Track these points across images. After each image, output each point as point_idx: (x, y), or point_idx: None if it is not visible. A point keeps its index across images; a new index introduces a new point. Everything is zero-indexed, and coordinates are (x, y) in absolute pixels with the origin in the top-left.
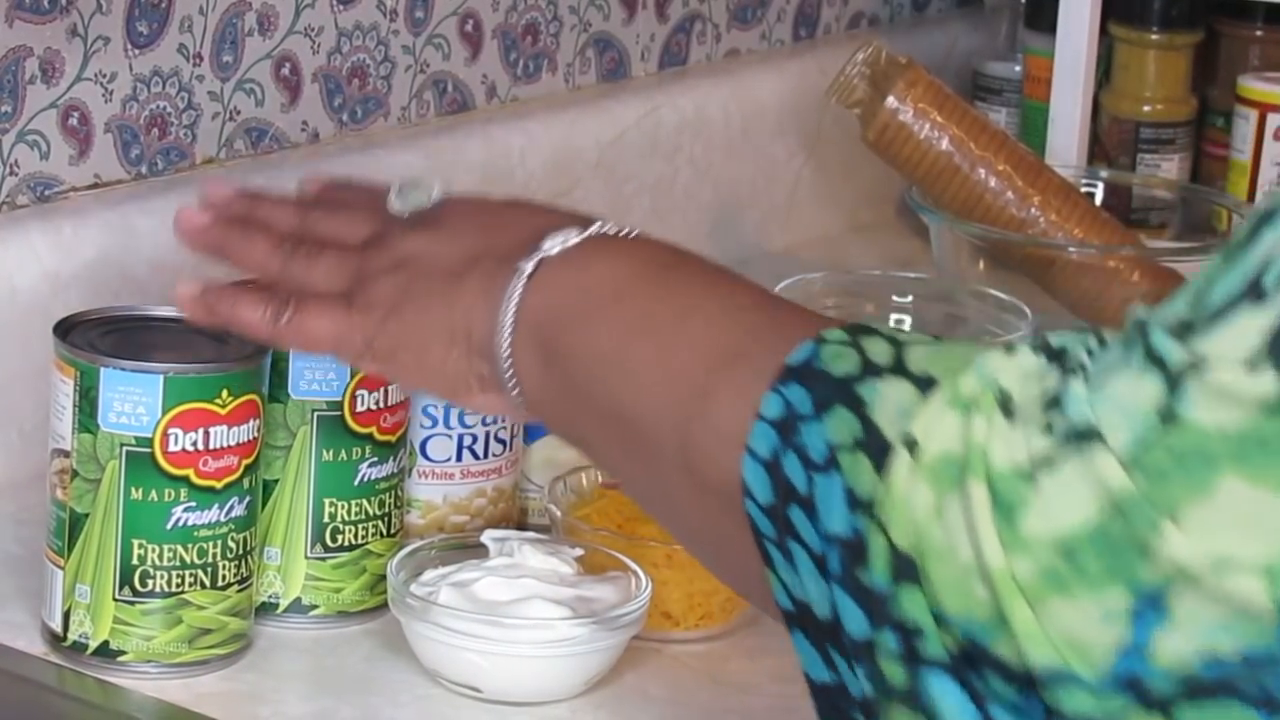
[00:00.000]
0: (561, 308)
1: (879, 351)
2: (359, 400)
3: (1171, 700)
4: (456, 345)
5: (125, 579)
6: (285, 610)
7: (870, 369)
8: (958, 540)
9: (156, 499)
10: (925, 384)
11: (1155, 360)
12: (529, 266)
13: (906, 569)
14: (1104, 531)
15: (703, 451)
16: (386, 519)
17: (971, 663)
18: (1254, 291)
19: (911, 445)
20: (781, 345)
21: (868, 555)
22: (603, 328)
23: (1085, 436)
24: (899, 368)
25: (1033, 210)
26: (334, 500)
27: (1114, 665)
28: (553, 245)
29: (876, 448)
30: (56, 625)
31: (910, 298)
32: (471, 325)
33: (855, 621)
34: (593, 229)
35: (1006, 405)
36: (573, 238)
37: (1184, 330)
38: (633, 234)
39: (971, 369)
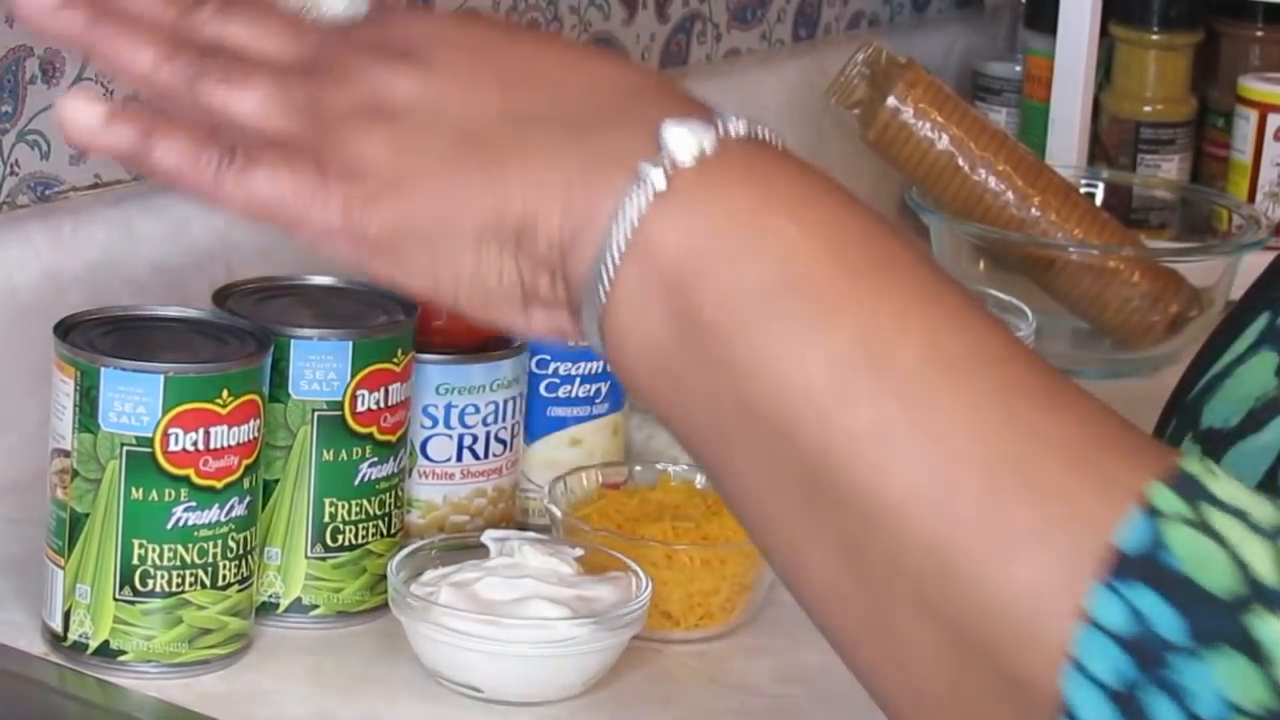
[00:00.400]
0: (722, 275)
1: (1258, 558)
2: (359, 400)
3: None
4: (502, 244)
5: (126, 579)
6: (286, 610)
7: (1260, 591)
8: None
9: (157, 499)
10: None
11: None
12: (658, 177)
13: None
14: None
15: (974, 605)
16: (387, 519)
17: None
18: None
19: None
20: (1105, 490)
21: None
22: (807, 345)
23: None
24: None
25: (1033, 210)
26: (334, 500)
27: None
28: (684, 148)
29: None
30: (57, 625)
31: None
32: (537, 222)
33: None
34: (731, 130)
35: None
36: (706, 142)
37: None
38: (777, 141)
39: None
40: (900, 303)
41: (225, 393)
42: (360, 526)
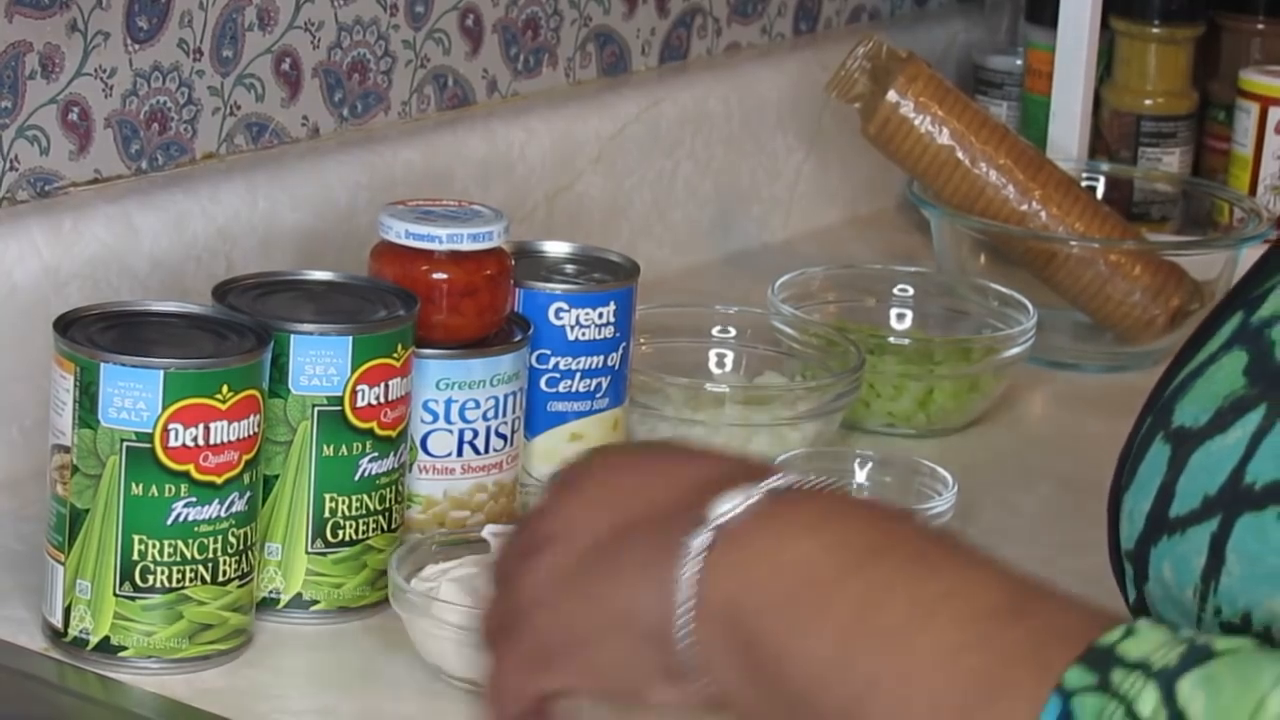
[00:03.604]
0: (754, 594)
1: (1148, 704)
2: (359, 395)
3: None
4: (626, 633)
5: (126, 574)
6: (286, 606)
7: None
8: None
9: (157, 494)
10: None
11: None
12: (700, 542)
13: None
14: None
15: None
16: (387, 514)
17: None
18: None
19: None
20: (1040, 679)
21: None
22: (814, 622)
23: None
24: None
25: (1034, 204)
26: (334, 495)
27: None
28: (723, 512)
29: None
30: (57, 621)
31: (911, 292)
32: (636, 610)
33: None
34: (765, 486)
35: None
36: (742, 502)
37: None
38: (812, 487)
39: None
40: (889, 573)
41: (225, 388)
42: (361, 522)
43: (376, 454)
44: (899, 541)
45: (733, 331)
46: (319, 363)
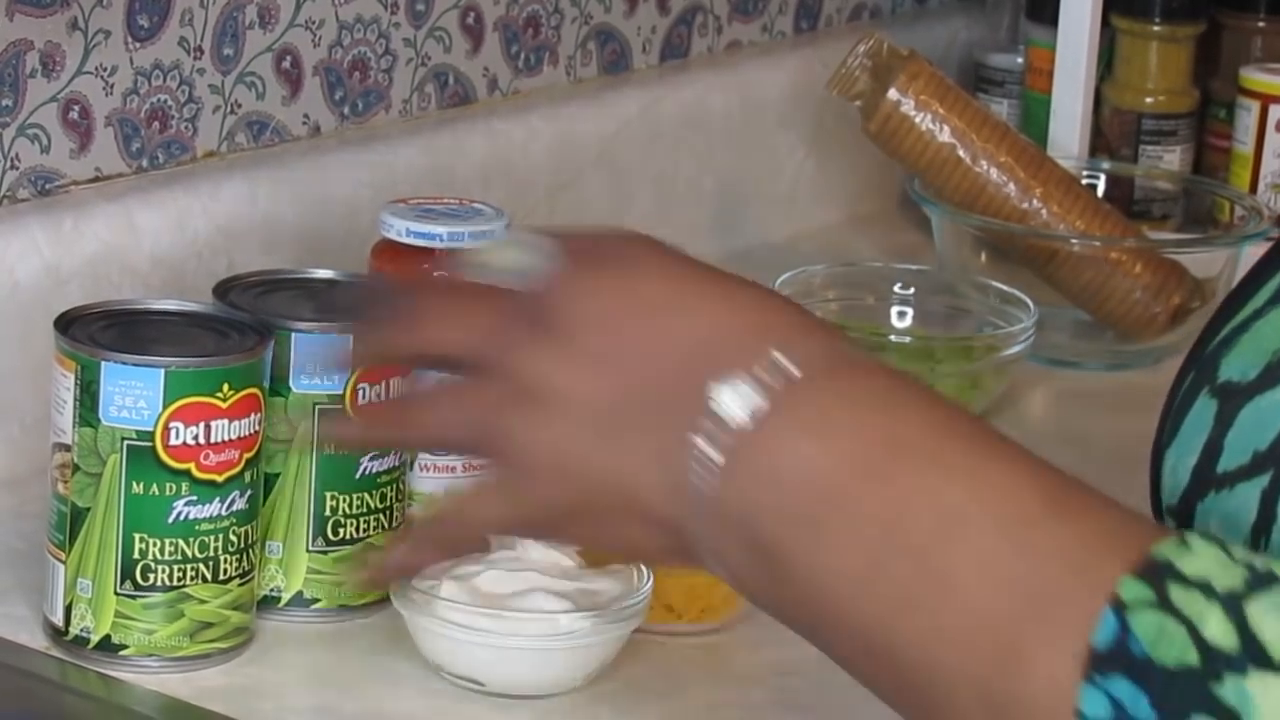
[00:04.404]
0: (773, 503)
1: (1216, 627)
2: (360, 394)
3: None
4: (634, 516)
5: (127, 573)
6: (287, 604)
7: (1219, 659)
8: None
9: (158, 493)
10: None
11: None
12: (713, 452)
13: None
14: None
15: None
16: (388, 512)
17: None
18: None
19: None
20: (1090, 589)
21: None
22: (838, 538)
23: None
24: (1258, 654)
25: (1034, 202)
26: (336, 494)
27: None
28: (730, 411)
29: None
30: (58, 619)
31: (912, 290)
32: (645, 498)
33: None
34: (766, 370)
35: None
36: (751, 397)
37: None
38: (818, 362)
39: None
40: (910, 481)
41: (226, 386)
42: (362, 520)
43: (378, 452)
44: (911, 436)
45: None
46: (320, 361)
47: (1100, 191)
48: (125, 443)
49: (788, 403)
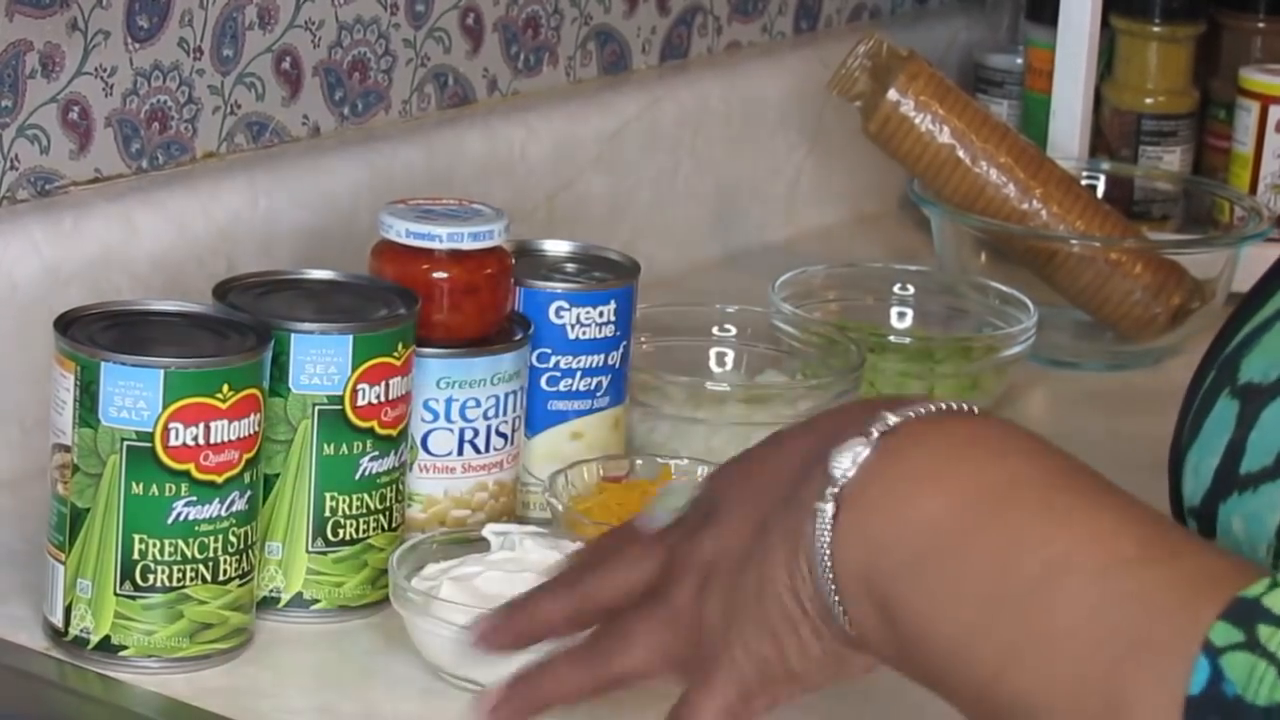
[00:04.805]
0: (886, 552)
1: None
2: (360, 394)
3: None
4: (801, 622)
5: (126, 574)
6: (287, 605)
7: None
8: None
9: (157, 493)
10: None
11: None
12: (829, 506)
13: None
14: None
15: None
16: (388, 513)
17: None
18: None
19: None
20: (1186, 635)
21: None
22: (949, 584)
23: None
24: None
25: (1034, 203)
26: (335, 494)
27: None
28: (843, 467)
29: None
30: (58, 620)
31: (912, 290)
32: (798, 590)
33: None
34: (877, 429)
35: None
36: (863, 451)
37: None
38: (924, 417)
39: None
40: (1017, 527)
41: (225, 387)
42: (361, 521)
43: (377, 453)
44: (1021, 484)
45: (733, 330)
46: (319, 362)
47: (1100, 192)
48: (125, 443)
49: (894, 451)
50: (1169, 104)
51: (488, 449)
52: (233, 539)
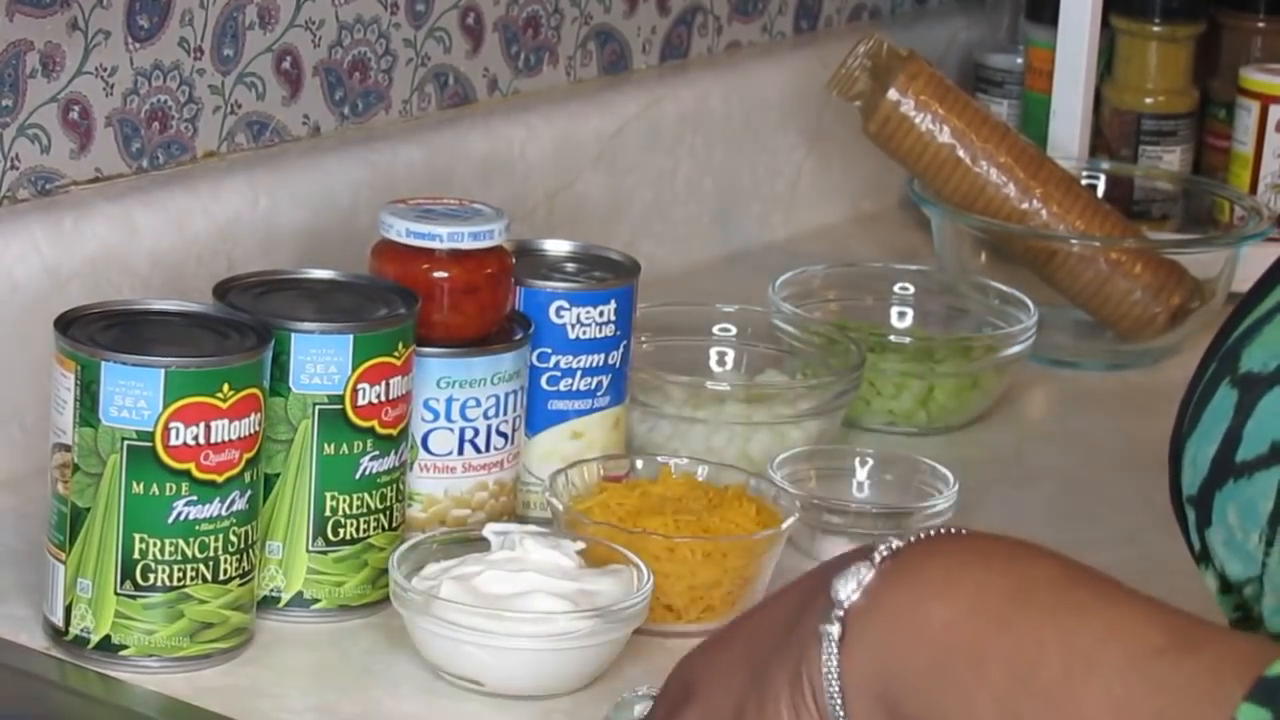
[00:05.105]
0: (898, 666)
1: None
2: (360, 394)
3: None
4: None
5: (127, 573)
6: (287, 604)
7: None
8: None
9: (158, 493)
10: None
11: None
12: (835, 628)
13: None
14: None
15: None
16: (388, 513)
17: None
18: None
19: None
20: (1207, 707)
21: None
22: (968, 695)
23: None
24: None
25: (1034, 202)
26: (335, 494)
27: None
28: (847, 590)
29: None
30: (58, 619)
31: (912, 290)
32: (790, 704)
33: None
34: (882, 552)
35: None
36: (867, 574)
37: None
38: (927, 537)
39: None
40: (1037, 626)
41: (226, 387)
42: (361, 520)
43: (377, 452)
44: (1034, 586)
45: (733, 330)
46: (320, 361)
47: (1100, 192)
48: (125, 443)
49: (900, 569)
50: (1169, 104)
51: (488, 448)
52: (233, 538)
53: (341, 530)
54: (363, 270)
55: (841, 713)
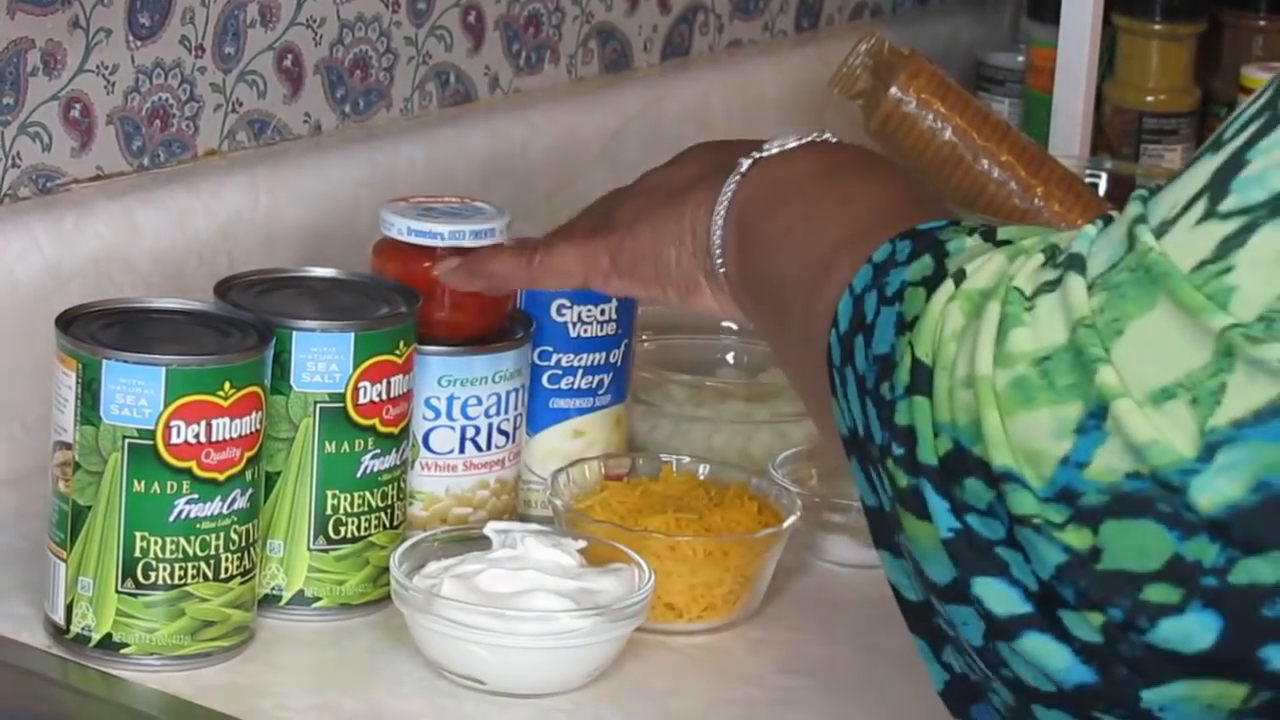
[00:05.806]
0: (760, 198)
1: (953, 244)
2: (361, 392)
3: (1100, 515)
4: (684, 245)
5: (128, 571)
6: (288, 602)
7: (966, 231)
8: (962, 355)
9: (159, 491)
10: (1001, 244)
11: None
12: (745, 164)
13: (920, 381)
14: (1067, 349)
15: (816, 313)
16: (389, 511)
17: (954, 471)
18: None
19: (960, 277)
20: (888, 233)
21: (895, 369)
22: (781, 213)
23: (1075, 265)
24: (989, 234)
25: (1036, 201)
26: (336, 492)
27: (1055, 475)
28: (770, 147)
29: (935, 282)
30: (59, 618)
31: None
32: (695, 224)
33: (876, 431)
34: (810, 136)
35: (1050, 253)
36: (790, 142)
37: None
38: (841, 140)
39: (1043, 235)
40: (842, 183)
41: (227, 385)
42: (363, 519)
43: (378, 451)
44: (877, 164)
45: (735, 328)
46: (321, 359)
47: (1102, 190)
48: (126, 441)
49: (802, 146)
50: (1170, 102)
51: (489, 447)
52: (234, 537)
53: (343, 528)
54: (364, 269)
55: (721, 228)
